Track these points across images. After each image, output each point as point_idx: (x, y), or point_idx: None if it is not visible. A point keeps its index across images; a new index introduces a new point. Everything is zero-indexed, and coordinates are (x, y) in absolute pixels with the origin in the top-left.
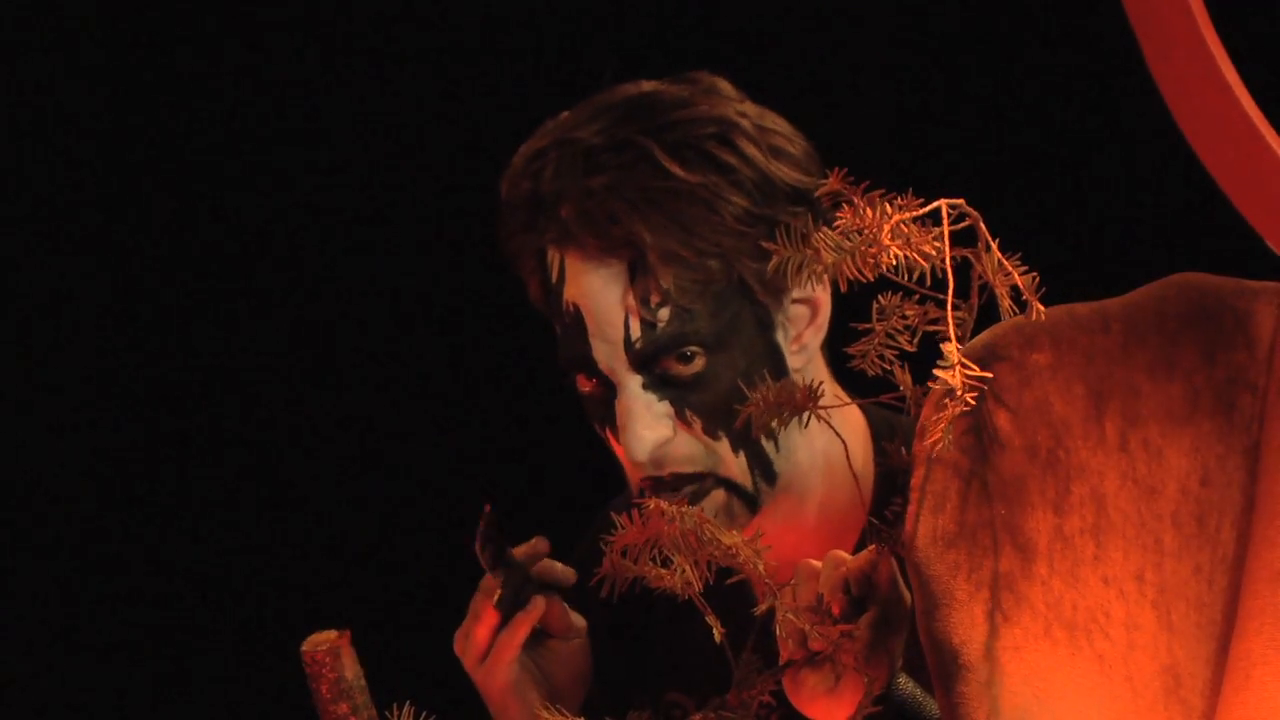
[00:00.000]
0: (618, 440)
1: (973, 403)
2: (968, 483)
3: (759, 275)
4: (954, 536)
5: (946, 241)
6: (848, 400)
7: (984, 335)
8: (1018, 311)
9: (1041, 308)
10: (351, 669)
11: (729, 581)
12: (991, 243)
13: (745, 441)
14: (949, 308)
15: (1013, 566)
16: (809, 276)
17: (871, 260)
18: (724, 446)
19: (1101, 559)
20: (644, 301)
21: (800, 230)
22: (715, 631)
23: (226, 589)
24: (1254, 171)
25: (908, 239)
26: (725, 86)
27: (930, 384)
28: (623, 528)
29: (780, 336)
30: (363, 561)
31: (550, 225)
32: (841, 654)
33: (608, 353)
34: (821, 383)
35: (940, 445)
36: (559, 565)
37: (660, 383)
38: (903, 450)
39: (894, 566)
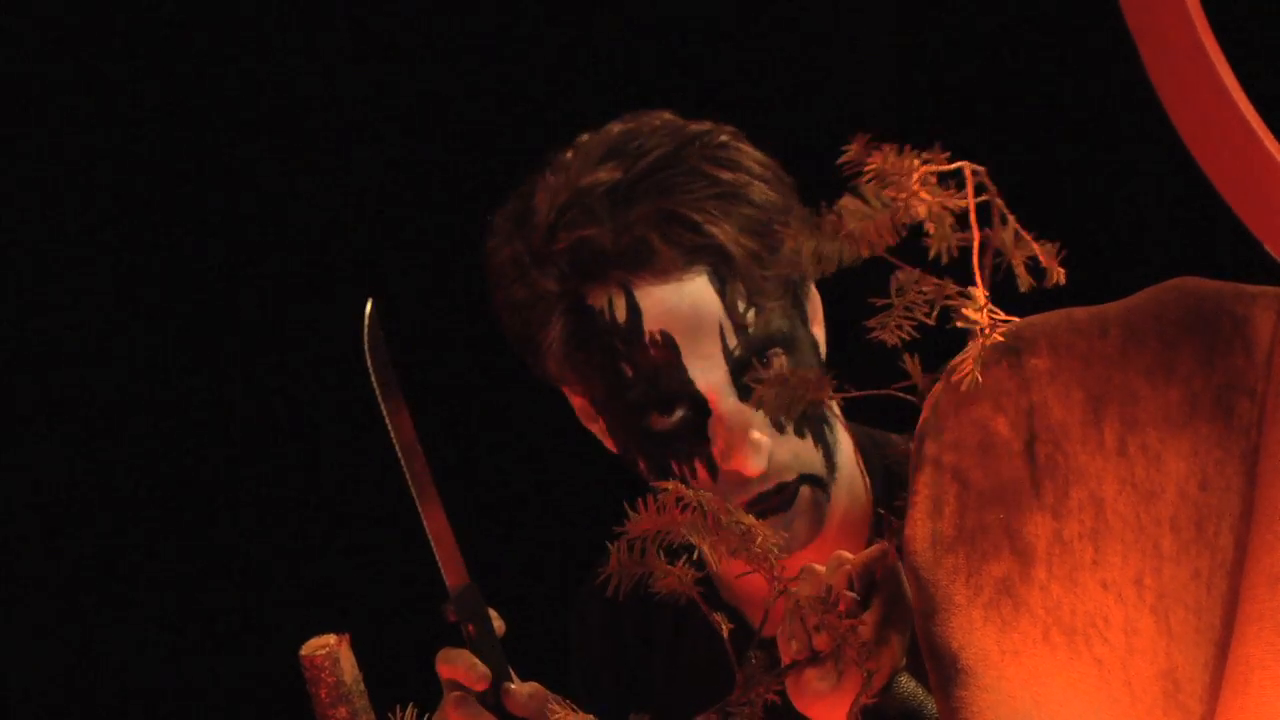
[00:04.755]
0: (707, 467)
1: (1000, 338)
2: (966, 487)
3: (797, 267)
4: (953, 541)
5: (971, 196)
6: (855, 393)
7: (976, 344)
8: (1035, 283)
9: (1062, 272)
10: (350, 673)
11: (738, 576)
12: (1008, 214)
13: (820, 435)
14: (974, 255)
15: (1011, 571)
16: (825, 257)
17: (901, 210)
18: (808, 443)
19: (1100, 563)
20: (733, 306)
21: (813, 216)
22: (722, 628)
23: (225, 593)
24: (1252, 175)
25: (933, 192)
26: (672, 115)
27: (959, 323)
28: (635, 515)
29: (816, 332)
30: (361, 565)
31: (609, 264)
32: (846, 648)
33: (705, 370)
34: (835, 370)
35: (968, 380)
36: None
37: (748, 392)
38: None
39: (898, 562)
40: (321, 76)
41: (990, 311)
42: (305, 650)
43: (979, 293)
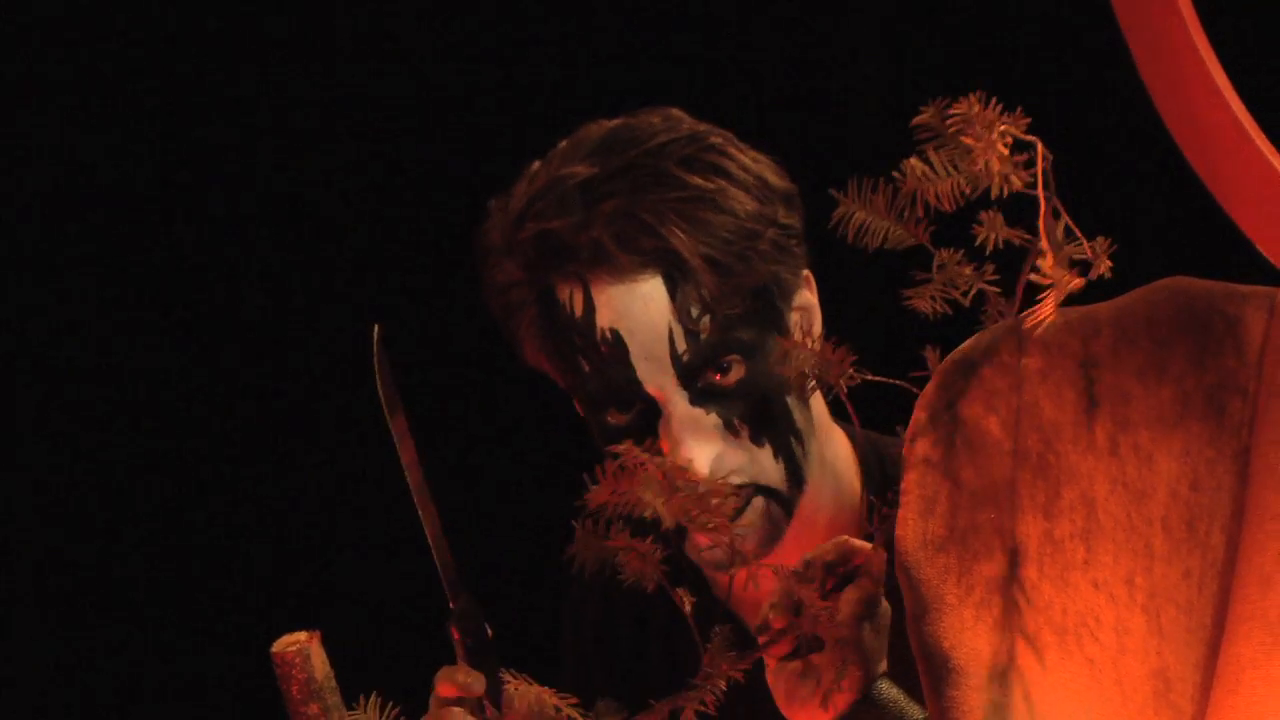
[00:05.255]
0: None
1: (1074, 287)
2: (958, 487)
3: (775, 278)
4: (944, 540)
5: (1040, 171)
6: (870, 377)
7: (972, 340)
8: (1087, 273)
9: (1109, 264)
10: (321, 670)
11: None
12: (1061, 208)
13: (783, 447)
14: (1041, 220)
15: (1003, 570)
16: (871, 231)
17: (977, 160)
18: (766, 454)
19: (1091, 563)
20: (685, 312)
21: (859, 193)
22: (685, 603)
23: (196, 590)
24: (1243, 175)
25: (1008, 157)
26: (680, 113)
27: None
28: (594, 485)
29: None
30: (333, 561)
31: (568, 258)
32: (819, 628)
33: (653, 371)
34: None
35: (1045, 325)
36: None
37: (703, 397)
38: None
39: (884, 563)
40: (321, 76)
41: (1060, 267)
42: (276, 647)
43: (1048, 253)
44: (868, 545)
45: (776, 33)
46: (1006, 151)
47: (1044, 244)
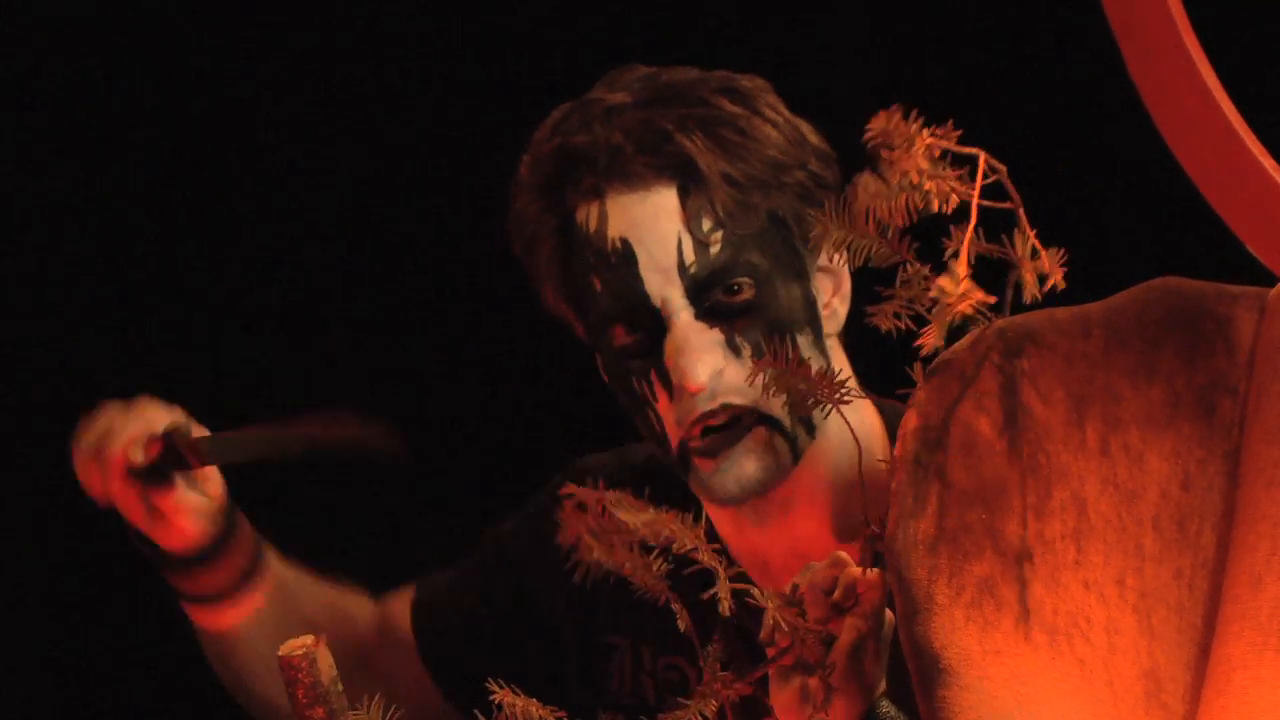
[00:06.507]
0: (663, 383)
1: (970, 311)
2: (948, 487)
3: (798, 218)
4: (934, 540)
5: (979, 183)
6: (863, 394)
7: (965, 338)
8: (1040, 287)
9: (1060, 274)
10: (327, 673)
11: (687, 571)
12: (1027, 227)
13: None
14: (967, 236)
15: (993, 570)
16: (853, 249)
17: (906, 189)
18: (764, 375)
19: (1082, 563)
20: (697, 223)
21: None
22: (680, 622)
23: None
24: (1234, 176)
25: (940, 170)
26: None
27: (932, 294)
28: (563, 523)
29: (815, 291)
30: (337, 563)
31: (587, 169)
32: (813, 655)
33: (660, 283)
34: (842, 369)
35: (929, 347)
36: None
37: (710, 314)
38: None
39: (884, 588)
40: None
41: (967, 285)
42: (283, 650)
43: (960, 267)
44: (864, 572)
45: (772, 34)
46: (927, 165)
47: (962, 256)
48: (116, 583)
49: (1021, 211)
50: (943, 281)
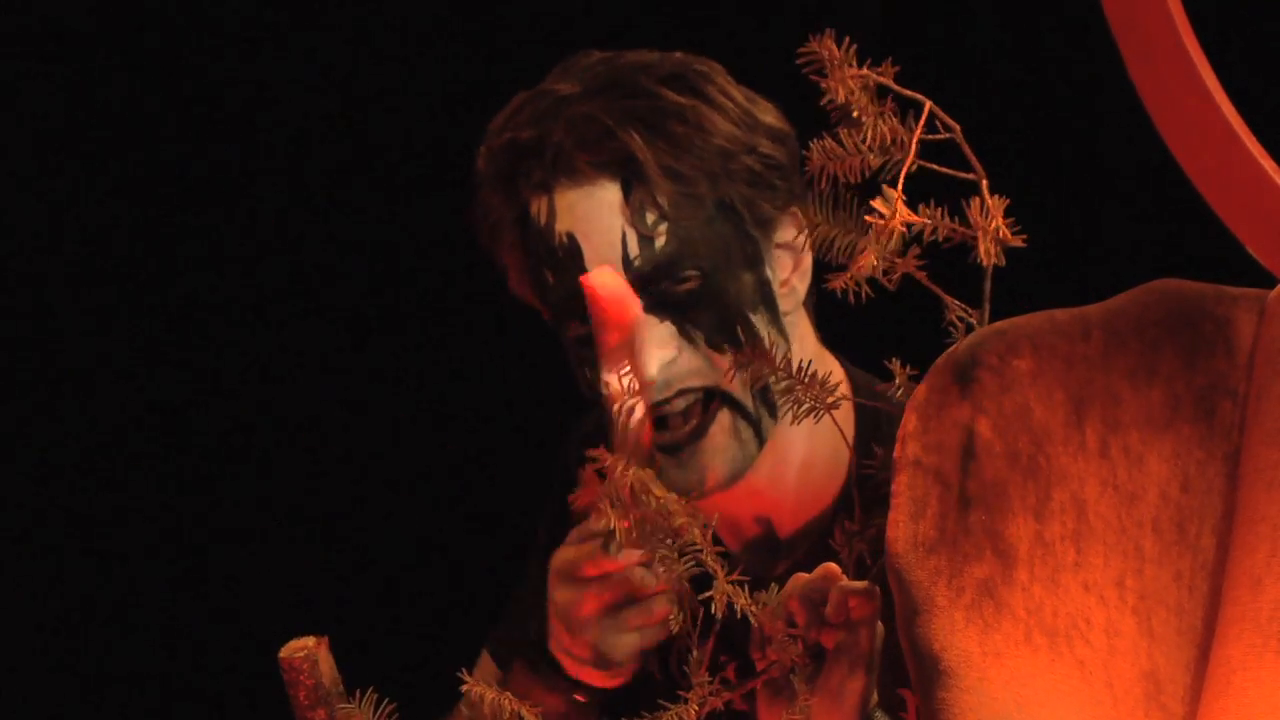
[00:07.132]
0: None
1: (902, 228)
2: (948, 489)
3: (748, 203)
4: (934, 542)
5: (920, 127)
6: (838, 368)
7: (966, 340)
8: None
9: (1016, 240)
10: (329, 675)
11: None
12: (979, 170)
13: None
14: (909, 158)
15: (993, 572)
16: (835, 245)
17: (839, 102)
18: (728, 361)
19: (1082, 565)
20: (640, 217)
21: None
22: (672, 623)
23: (203, 594)
24: (1233, 176)
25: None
26: (686, 56)
27: (868, 218)
28: (580, 488)
29: (769, 273)
30: (341, 566)
31: (535, 164)
32: (803, 675)
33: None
34: (831, 373)
35: (866, 267)
36: None
37: (659, 306)
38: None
39: (876, 600)
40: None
41: (899, 207)
42: (284, 652)
43: (895, 192)
44: (857, 585)
45: (768, 35)
46: (863, 98)
47: (899, 185)
48: (116, 583)
49: (984, 182)
50: (876, 203)
